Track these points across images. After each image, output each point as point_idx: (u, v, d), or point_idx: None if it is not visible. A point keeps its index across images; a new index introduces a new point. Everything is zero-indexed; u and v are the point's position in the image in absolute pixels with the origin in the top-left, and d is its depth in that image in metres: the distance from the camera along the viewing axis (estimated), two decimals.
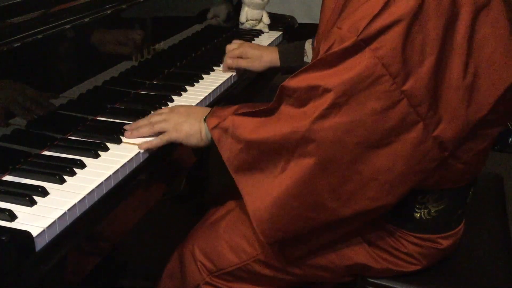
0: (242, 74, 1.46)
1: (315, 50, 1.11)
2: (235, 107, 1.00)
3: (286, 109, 0.92)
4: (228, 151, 0.97)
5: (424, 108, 0.85)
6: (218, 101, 1.35)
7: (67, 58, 1.08)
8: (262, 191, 0.94)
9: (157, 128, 1.05)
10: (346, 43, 0.84)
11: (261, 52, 1.43)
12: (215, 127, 0.99)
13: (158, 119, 1.07)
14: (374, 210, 0.92)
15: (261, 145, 0.92)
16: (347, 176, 0.88)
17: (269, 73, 1.51)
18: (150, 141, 1.04)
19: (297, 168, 0.89)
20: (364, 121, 0.85)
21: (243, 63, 1.42)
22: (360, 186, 0.89)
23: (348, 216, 0.92)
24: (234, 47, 1.44)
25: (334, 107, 0.85)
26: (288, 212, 0.92)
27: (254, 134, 0.93)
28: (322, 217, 0.93)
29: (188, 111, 1.08)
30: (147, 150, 1.03)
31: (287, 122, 0.90)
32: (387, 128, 0.85)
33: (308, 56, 1.41)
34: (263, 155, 0.93)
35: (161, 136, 1.05)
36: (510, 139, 2.52)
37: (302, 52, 1.42)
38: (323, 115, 0.86)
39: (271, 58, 1.43)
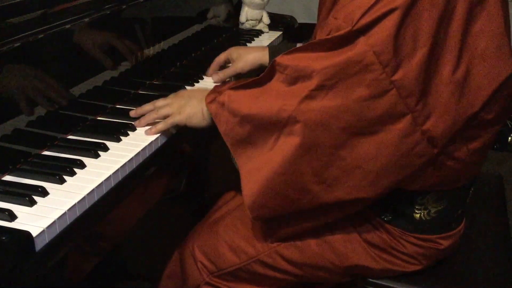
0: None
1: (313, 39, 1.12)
2: (232, 83, 1.03)
3: (276, 85, 0.93)
4: (225, 124, 0.98)
5: (413, 100, 0.85)
6: None
7: (67, 58, 1.08)
8: (255, 167, 0.95)
9: (163, 112, 1.08)
10: (340, 33, 0.85)
11: (245, 51, 1.38)
12: (212, 101, 1.01)
13: (162, 103, 1.10)
14: (355, 201, 0.93)
15: (254, 120, 0.93)
16: (330, 161, 0.89)
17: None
18: (155, 125, 1.08)
19: (284, 146, 0.91)
20: (350, 107, 0.85)
21: (227, 72, 1.36)
22: (343, 172, 0.90)
23: (330, 202, 0.93)
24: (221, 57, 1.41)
25: (321, 90, 0.86)
26: (274, 189, 0.93)
27: (248, 108, 0.94)
28: (305, 199, 0.94)
29: (190, 94, 1.12)
30: (155, 134, 1.07)
31: (277, 98, 0.91)
32: (374, 117, 0.86)
33: None
34: (256, 130, 0.94)
35: (165, 120, 1.08)
36: (509, 138, 2.51)
37: None
38: (310, 96, 0.87)
39: (256, 56, 1.36)
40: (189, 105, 1.07)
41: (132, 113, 1.13)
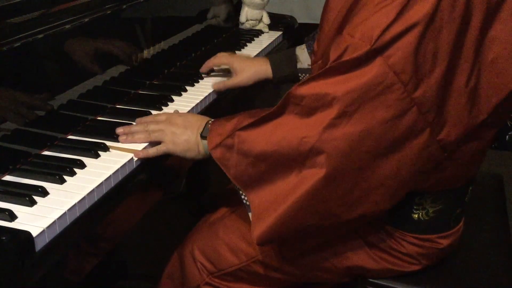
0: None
1: (316, 51, 1.10)
2: (236, 120, 0.97)
3: (291, 118, 0.90)
4: (234, 167, 0.94)
5: (432, 115, 0.84)
6: (218, 101, 1.35)
7: (67, 58, 1.08)
8: (269, 204, 0.92)
9: (154, 137, 1.05)
10: (358, 52, 0.82)
11: (247, 64, 1.37)
12: (218, 145, 0.96)
13: (155, 128, 1.06)
14: (375, 213, 0.92)
15: (271, 158, 0.90)
16: (354, 184, 0.87)
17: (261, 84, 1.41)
18: (146, 150, 1.03)
19: (308, 179, 0.87)
20: (374, 131, 0.83)
21: (228, 84, 1.36)
22: (366, 193, 0.88)
23: (351, 219, 0.92)
24: (223, 54, 1.40)
25: (343, 116, 0.83)
26: (292, 223, 0.91)
27: (262, 147, 0.91)
28: (326, 223, 0.92)
29: (185, 122, 1.06)
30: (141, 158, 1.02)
31: (294, 132, 0.88)
32: (397, 136, 0.84)
33: (302, 62, 1.37)
34: (273, 168, 0.91)
35: (158, 146, 1.04)
36: (507, 136, 2.51)
37: (294, 59, 1.38)
38: (332, 125, 0.84)
39: (260, 70, 1.36)
40: (184, 137, 1.04)
41: (119, 131, 1.07)
